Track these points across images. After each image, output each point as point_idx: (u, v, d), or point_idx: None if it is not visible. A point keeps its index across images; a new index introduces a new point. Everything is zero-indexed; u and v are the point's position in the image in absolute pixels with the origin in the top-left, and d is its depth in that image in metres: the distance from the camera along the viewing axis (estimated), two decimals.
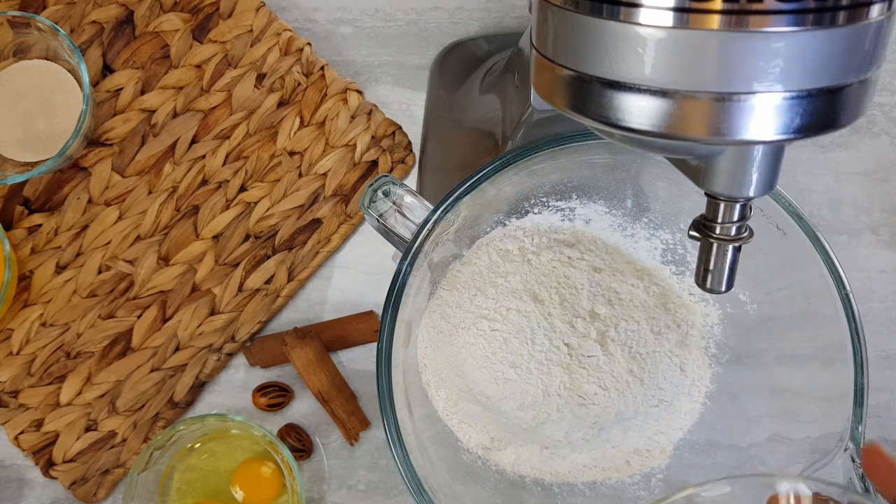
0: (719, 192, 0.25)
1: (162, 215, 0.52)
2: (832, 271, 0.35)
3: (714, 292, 0.27)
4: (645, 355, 0.41)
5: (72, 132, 0.49)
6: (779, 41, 0.21)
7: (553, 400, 0.40)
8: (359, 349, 0.53)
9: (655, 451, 0.42)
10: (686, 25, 0.21)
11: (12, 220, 0.51)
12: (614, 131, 0.24)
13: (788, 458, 0.37)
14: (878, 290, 0.54)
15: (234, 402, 0.52)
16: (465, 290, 0.40)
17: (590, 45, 0.23)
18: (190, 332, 0.51)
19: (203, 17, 0.52)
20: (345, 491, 0.52)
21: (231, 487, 0.50)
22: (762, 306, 0.40)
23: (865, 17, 0.21)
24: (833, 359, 0.35)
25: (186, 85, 0.52)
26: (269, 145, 0.52)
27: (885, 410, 0.54)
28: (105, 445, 0.51)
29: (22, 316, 0.51)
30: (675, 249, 0.42)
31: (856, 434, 0.33)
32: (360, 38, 0.54)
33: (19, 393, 0.51)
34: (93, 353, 0.51)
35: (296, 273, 0.52)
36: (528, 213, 0.41)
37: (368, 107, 0.53)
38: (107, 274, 0.51)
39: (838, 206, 0.55)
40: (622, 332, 0.40)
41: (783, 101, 0.21)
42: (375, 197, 0.36)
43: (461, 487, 0.39)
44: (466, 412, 0.41)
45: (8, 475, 0.51)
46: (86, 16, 0.51)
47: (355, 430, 0.51)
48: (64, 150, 0.47)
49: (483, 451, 0.41)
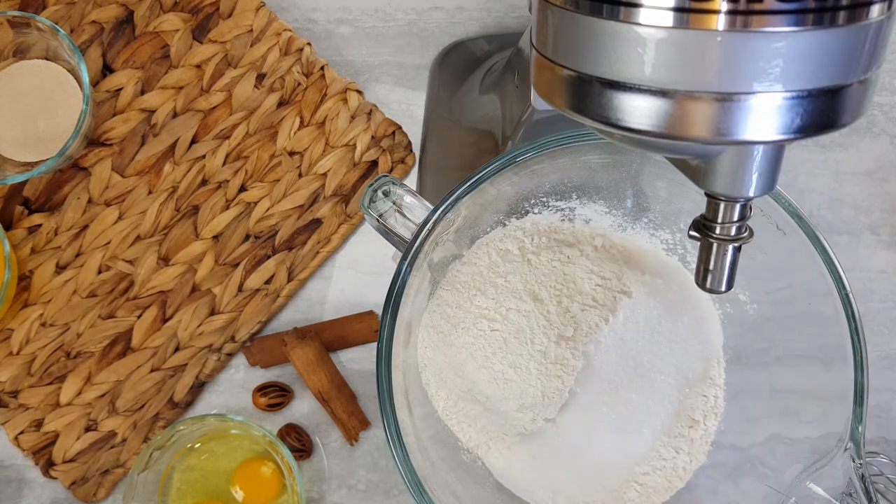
0: (719, 192, 0.25)
1: (162, 215, 0.52)
2: (832, 271, 0.35)
3: (714, 292, 0.27)
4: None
5: (71, 132, 0.49)
6: (779, 41, 0.21)
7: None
8: (359, 349, 0.53)
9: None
10: (686, 25, 0.21)
11: (12, 220, 0.51)
12: (614, 131, 0.24)
13: (788, 458, 0.37)
14: (878, 290, 0.54)
15: (234, 402, 0.52)
16: (465, 290, 0.40)
17: (590, 45, 0.23)
18: (190, 332, 0.51)
19: (203, 17, 0.52)
20: (345, 491, 0.52)
21: (231, 487, 0.50)
22: (762, 306, 0.40)
23: (865, 17, 0.21)
24: (833, 359, 0.35)
25: (186, 85, 0.52)
26: (269, 145, 0.52)
27: (885, 410, 0.54)
28: (105, 445, 0.51)
29: (22, 316, 0.51)
30: (675, 249, 0.42)
31: (856, 434, 0.33)
32: (359, 38, 0.54)
33: (19, 393, 0.51)
34: (93, 353, 0.51)
35: (296, 273, 0.52)
36: (528, 213, 0.41)
37: (368, 107, 0.53)
38: (107, 274, 0.51)
39: (838, 206, 0.55)
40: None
41: (783, 101, 0.21)
42: (375, 197, 0.36)
43: (461, 487, 0.39)
44: (466, 412, 0.41)
45: (8, 475, 0.51)
46: (86, 16, 0.51)
47: (355, 430, 0.51)
48: (64, 150, 0.47)
49: (483, 452, 0.41)
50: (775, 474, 0.37)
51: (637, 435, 0.41)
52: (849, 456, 0.33)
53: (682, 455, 0.40)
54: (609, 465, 0.41)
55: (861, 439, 0.33)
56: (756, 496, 0.37)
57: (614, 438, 0.41)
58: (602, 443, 0.41)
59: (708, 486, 0.40)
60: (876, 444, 0.54)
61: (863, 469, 0.33)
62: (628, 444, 0.41)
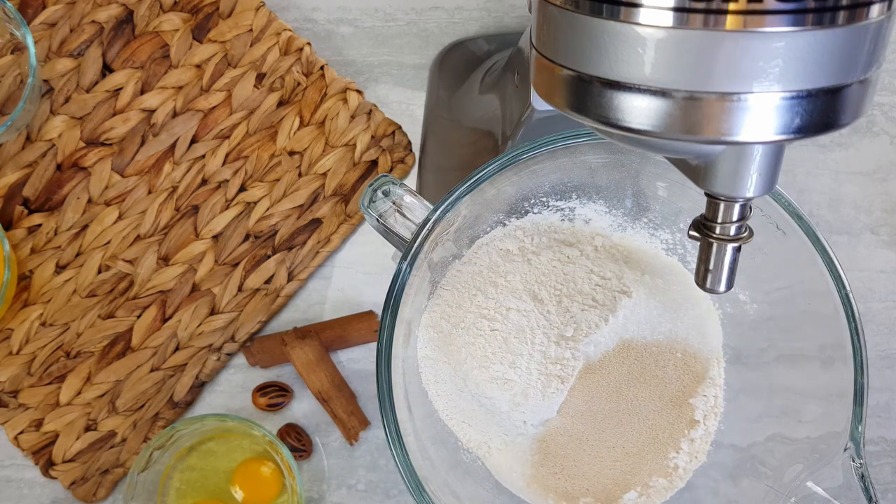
0: (719, 192, 0.25)
1: (162, 215, 0.52)
2: (832, 271, 0.35)
3: (714, 292, 0.27)
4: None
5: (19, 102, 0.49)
6: (778, 41, 0.21)
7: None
8: (359, 349, 0.53)
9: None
10: (686, 25, 0.21)
11: (12, 219, 0.51)
12: (614, 131, 0.24)
13: (788, 457, 0.37)
14: (878, 290, 0.54)
15: (234, 402, 0.52)
16: (465, 289, 0.40)
17: (590, 45, 0.23)
18: (190, 332, 0.51)
19: (203, 17, 0.52)
20: (345, 491, 0.52)
21: (231, 487, 0.50)
22: (762, 306, 0.40)
23: (865, 17, 0.21)
24: (833, 359, 0.35)
25: (186, 85, 0.52)
26: (269, 145, 0.52)
27: (885, 410, 0.54)
28: (105, 445, 0.51)
29: (22, 316, 0.51)
30: (675, 249, 0.42)
31: (856, 434, 0.33)
32: (359, 38, 0.54)
33: (19, 393, 0.51)
34: (93, 353, 0.51)
35: (296, 273, 0.52)
36: (528, 213, 0.41)
37: (368, 106, 0.53)
38: (107, 274, 0.51)
39: (838, 206, 0.55)
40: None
41: (783, 101, 0.21)
42: (375, 197, 0.36)
43: (461, 487, 0.39)
44: (466, 412, 0.41)
45: (8, 475, 0.51)
46: (86, 16, 0.51)
47: (355, 430, 0.51)
48: (12, 118, 0.47)
49: (483, 452, 0.41)
50: (775, 474, 0.37)
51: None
52: (849, 456, 0.33)
53: (682, 455, 0.40)
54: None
55: (861, 439, 0.33)
56: (756, 496, 0.37)
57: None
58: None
59: (708, 486, 0.40)
60: (876, 443, 0.54)
61: (863, 469, 0.33)
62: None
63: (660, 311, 0.41)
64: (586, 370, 0.40)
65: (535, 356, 0.39)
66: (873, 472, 0.53)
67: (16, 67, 0.51)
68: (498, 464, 0.41)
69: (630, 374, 0.41)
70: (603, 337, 0.40)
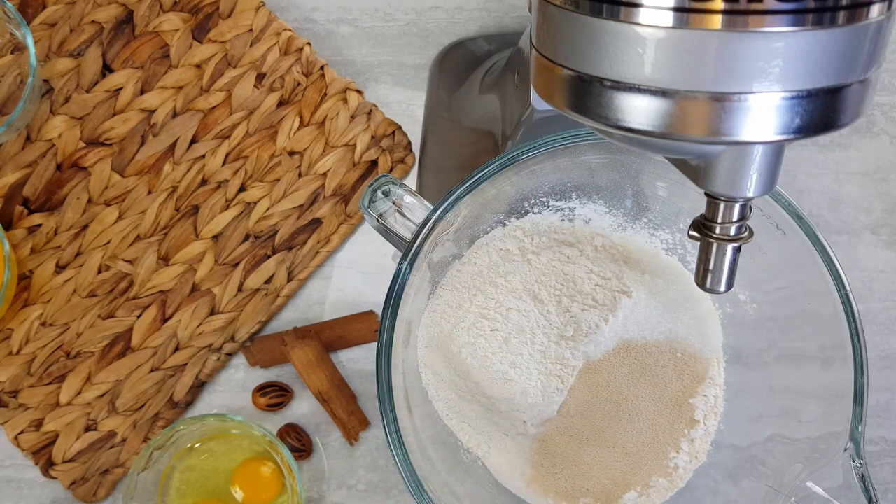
0: (719, 192, 0.25)
1: (162, 215, 0.52)
2: (832, 271, 0.35)
3: (714, 292, 0.27)
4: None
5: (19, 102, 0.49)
6: (778, 41, 0.21)
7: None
8: (359, 349, 0.53)
9: None
10: (686, 25, 0.21)
11: (12, 219, 0.51)
12: (614, 131, 0.24)
13: (788, 458, 0.37)
14: (878, 290, 0.54)
15: (234, 402, 0.52)
16: (465, 290, 0.40)
17: (590, 45, 0.23)
18: (190, 332, 0.51)
19: (203, 17, 0.52)
20: (345, 491, 0.52)
21: (231, 487, 0.50)
22: (762, 306, 0.40)
23: (865, 17, 0.21)
24: (833, 359, 0.35)
25: (186, 85, 0.52)
26: (269, 145, 0.52)
27: (885, 410, 0.54)
28: (105, 445, 0.51)
29: (22, 316, 0.51)
30: (675, 249, 0.42)
31: (856, 434, 0.33)
32: (359, 38, 0.54)
33: (19, 393, 0.51)
34: (92, 353, 0.51)
35: (296, 273, 0.52)
36: (528, 213, 0.41)
37: (368, 106, 0.53)
38: (106, 274, 0.51)
39: (838, 206, 0.55)
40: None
41: (783, 101, 0.21)
42: (375, 197, 0.36)
43: (461, 487, 0.39)
44: (466, 412, 0.41)
45: (8, 475, 0.51)
46: (86, 16, 0.52)
47: (355, 430, 0.51)
48: (10, 119, 0.47)
49: (483, 452, 0.41)
50: (775, 474, 0.37)
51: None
52: (849, 456, 0.33)
53: (682, 455, 0.40)
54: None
55: (861, 439, 0.33)
56: (756, 496, 0.37)
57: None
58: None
59: (708, 486, 0.40)
60: (876, 443, 0.54)
61: (863, 469, 0.33)
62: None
63: (660, 311, 0.41)
64: (586, 370, 0.40)
65: (535, 356, 0.39)
66: (873, 472, 0.53)
67: (16, 67, 0.51)
68: (498, 464, 0.41)
69: (630, 373, 0.41)
70: (603, 337, 0.40)
